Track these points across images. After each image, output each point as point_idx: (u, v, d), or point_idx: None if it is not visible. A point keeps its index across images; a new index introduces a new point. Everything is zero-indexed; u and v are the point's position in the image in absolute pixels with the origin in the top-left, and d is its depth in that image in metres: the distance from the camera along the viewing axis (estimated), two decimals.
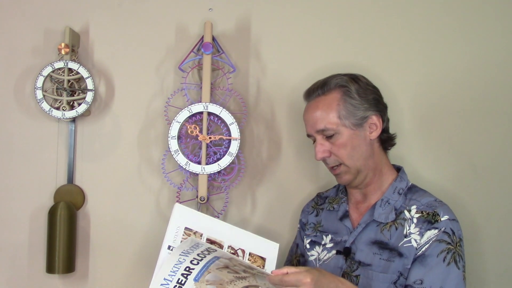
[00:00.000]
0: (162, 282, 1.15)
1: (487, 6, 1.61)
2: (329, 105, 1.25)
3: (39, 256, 1.60)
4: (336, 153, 1.25)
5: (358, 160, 1.25)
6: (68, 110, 1.55)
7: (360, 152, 1.25)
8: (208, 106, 1.52)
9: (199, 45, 1.59)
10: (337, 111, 1.24)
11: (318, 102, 1.27)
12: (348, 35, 1.63)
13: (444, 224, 1.18)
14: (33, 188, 1.61)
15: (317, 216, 1.41)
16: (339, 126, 1.24)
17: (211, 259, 1.14)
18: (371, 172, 1.28)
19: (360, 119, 1.25)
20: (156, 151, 1.62)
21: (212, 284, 1.13)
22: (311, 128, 1.28)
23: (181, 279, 1.14)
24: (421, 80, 1.60)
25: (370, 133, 1.26)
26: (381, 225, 1.24)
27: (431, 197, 1.25)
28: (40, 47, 1.62)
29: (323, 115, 1.25)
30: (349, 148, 1.24)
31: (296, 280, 1.00)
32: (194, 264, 1.14)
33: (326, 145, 1.26)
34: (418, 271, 1.15)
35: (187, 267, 1.15)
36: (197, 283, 1.13)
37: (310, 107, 1.30)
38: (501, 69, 1.60)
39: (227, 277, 1.11)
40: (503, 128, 1.59)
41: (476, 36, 1.61)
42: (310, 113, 1.28)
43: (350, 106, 1.25)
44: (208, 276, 1.13)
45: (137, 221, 1.62)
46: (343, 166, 1.26)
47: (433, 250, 1.16)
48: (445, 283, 1.13)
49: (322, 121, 1.25)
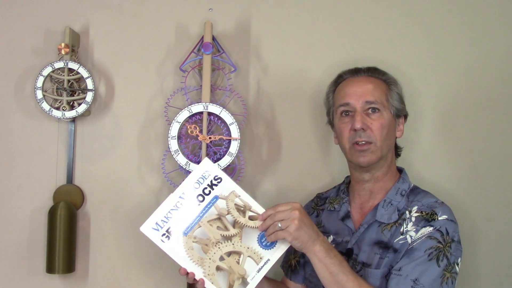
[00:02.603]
0: (154, 227, 1.16)
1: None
2: (381, 85, 1.30)
3: (39, 256, 1.60)
4: (374, 130, 1.25)
5: (386, 147, 1.27)
6: (68, 110, 1.55)
7: (390, 140, 1.29)
8: (208, 106, 1.52)
9: (199, 45, 1.58)
10: (386, 94, 1.29)
11: (369, 79, 1.31)
12: (348, 35, 1.63)
13: (440, 223, 1.18)
14: (33, 188, 1.61)
15: (317, 217, 1.41)
16: (385, 107, 1.28)
17: (210, 202, 1.15)
18: (386, 167, 1.30)
19: (399, 111, 1.30)
20: (156, 151, 1.62)
21: (198, 242, 1.15)
22: (358, 98, 1.27)
23: (171, 229, 1.15)
24: (421, 81, 1.60)
25: (397, 131, 1.32)
26: (382, 225, 1.25)
27: (433, 198, 1.26)
28: (40, 47, 1.62)
29: (375, 89, 1.28)
30: (386, 131, 1.26)
31: (285, 215, 1.12)
32: (190, 214, 1.16)
33: (367, 119, 1.26)
34: (402, 261, 1.17)
35: (179, 219, 1.16)
36: (184, 237, 1.15)
37: (360, 80, 1.31)
38: (502, 69, 1.60)
39: (215, 235, 1.14)
40: (505, 129, 1.59)
41: (474, 36, 1.61)
42: (361, 85, 1.29)
43: (395, 96, 1.30)
44: (196, 232, 1.15)
45: (137, 221, 1.60)
46: (373, 145, 1.25)
47: (421, 245, 1.17)
48: (421, 276, 1.13)
49: (374, 95, 1.27)
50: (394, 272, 1.15)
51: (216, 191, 1.17)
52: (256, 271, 1.13)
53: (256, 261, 1.14)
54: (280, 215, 1.12)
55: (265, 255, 1.14)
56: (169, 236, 1.15)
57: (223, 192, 1.17)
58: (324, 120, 1.44)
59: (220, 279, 1.14)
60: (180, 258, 1.13)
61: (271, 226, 1.13)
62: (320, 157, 1.62)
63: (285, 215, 1.12)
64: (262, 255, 1.14)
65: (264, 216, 1.15)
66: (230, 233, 1.14)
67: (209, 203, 1.17)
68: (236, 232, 1.14)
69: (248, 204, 1.16)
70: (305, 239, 1.12)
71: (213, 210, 1.16)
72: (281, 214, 1.12)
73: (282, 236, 1.12)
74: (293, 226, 1.10)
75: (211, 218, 1.16)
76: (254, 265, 1.13)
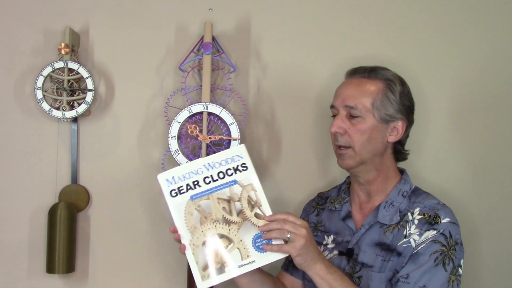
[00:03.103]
0: (169, 179, 1.18)
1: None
2: (368, 89, 1.26)
3: (39, 256, 1.60)
4: (351, 135, 1.24)
5: (367, 152, 1.25)
6: (68, 110, 1.55)
7: (373, 146, 1.26)
8: (208, 106, 1.52)
9: (199, 45, 1.59)
10: (373, 98, 1.25)
11: (359, 82, 1.28)
12: (348, 35, 1.63)
13: (443, 226, 1.18)
14: (33, 188, 1.61)
15: (317, 216, 1.41)
16: (368, 112, 1.24)
17: (227, 183, 1.17)
18: (375, 171, 1.28)
19: (388, 116, 1.26)
20: (156, 151, 1.62)
21: (199, 212, 1.16)
22: (340, 101, 1.27)
23: (182, 188, 1.17)
24: (420, 81, 1.60)
25: (389, 135, 1.27)
26: (384, 226, 1.24)
27: (434, 199, 1.26)
28: (40, 47, 1.62)
29: (358, 95, 1.25)
30: (366, 136, 1.24)
31: (294, 228, 1.10)
32: (205, 183, 1.17)
33: (346, 123, 1.25)
34: (408, 267, 1.16)
35: (196, 181, 1.18)
36: (189, 201, 1.17)
37: (349, 82, 1.30)
38: (502, 69, 1.60)
39: (217, 214, 1.15)
40: (504, 128, 1.59)
41: (482, 36, 1.61)
42: (347, 88, 1.28)
43: (386, 101, 1.25)
44: (202, 202, 1.17)
45: (137, 221, 1.62)
46: (351, 150, 1.25)
47: (426, 249, 1.17)
48: (429, 283, 1.14)
49: (355, 99, 1.25)
50: (402, 280, 1.15)
51: (238, 176, 1.17)
52: (237, 266, 1.13)
53: (242, 256, 1.13)
54: (289, 225, 1.11)
55: (253, 255, 1.13)
56: (177, 194, 1.17)
57: (243, 181, 1.17)
58: (324, 120, 1.44)
59: (200, 255, 1.14)
60: (177, 217, 1.16)
61: (277, 231, 1.12)
62: (320, 157, 1.62)
63: (293, 228, 1.10)
64: (250, 254, 1.13)
65: (271, 218, 1.14)
66: (232, 219, 1.15)
67: (226, 183, 1.17)
68: (237, 220, 1.15)
69: (260, 202, 1.17)
70: (308, 257, 1.11)
71: (226, 191, 1.17)
72: (290, 225, 1.11)
73: (286, 250, 1.10)
74: (300, 243, 1.09)
75: (222, 197, 1.16)
76: (239, 259, 1.13)
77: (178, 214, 1.16)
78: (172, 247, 1.60)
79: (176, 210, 1.16)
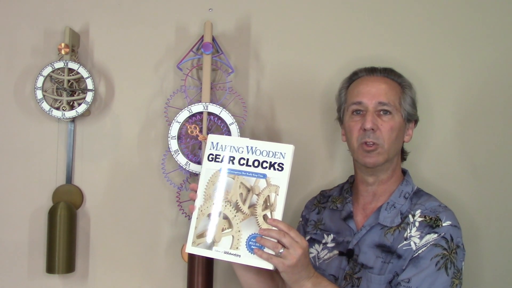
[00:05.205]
0: (214, 144, 1.20)
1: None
2: (395, 88, 1.28)
3: (39, 256, 1.60)
4: (383, 132, 1.24)
5: (394, 150, 1.26)
6: (68, 110, 1.55)
7: (398, 144, 1.28)
8: (208, 106, 1.52)
9: (198, 45, 1.59)
10: (400, 97, 1.27)
11: (385, 79, 1.29)
12: (348, 35, 1.63)
13: (444, 229, 1.18)
14: (33, 188, 1.61)
15: (318, 214, 1.41)
16: (397, 110, 1.26)
17: (257, 173, 1.17)
18: (391, 170, 1.29)
19: (410, 116, 1.29)
20: (156, 151, 1.62)
21: (221, 186, 1.17)
22: (371, 97, 1.25)
23: (219, 157, 1.19)
24: (423, 83, 1.60)
25: (406, 135, 1.30)
26: (385, 228, 1.24)
27: (436, 201, 1.25)
28: (40, 47, 1.62)
29: (389, 91, 1.26)
30: (395, 134, 1.25)
31: (290, 244, 1.07)
32: (239, 164, 1.18)
33: (377, 120, 1.25)
34: (409, 271, 1.16)
35: (233, 157, 1.18)
36: (217, 172, 1.18)
37: (375, 79, 1.29)
38: (506, 71, 1.60)
39: (233, 196, 1.16)
40: (507, 131, 1.59)
41: (486, 38, 1.61)
42: (376, 85, 1.28)
43: (409, 100, 1.29)
44: (227, 178, 1.18)
45: (137, 221, 1.62)
46: (380, 147, 1.24)
47: (427, 253, 1.16)
48: (431, 287, 1.13)
49: (387, 96, 1.25)
50: (403, 284, 1.15)
51: (270, 173, 1.17)
52: (223, 251, 1.14)
53: (233, 245, 1.13)
54: (287, 240, 1.08)
55: (242, 250, 1.13)
56: (213, 160, 1.19)
57: (272, 179, 1.17)
58: (324, 120, 1.44)
59: (202, 223, 1.16)
60: (202, 180, 1.18)
61: (272, 243, 1.09)
62: (320, 157, 1.62)
63: (290, 244, 1.07)
64: (240, 248, 1.13)
65: (274, 223, 1.11)
66: (242, 207, 1.15)
67: (256, 174, 1.17)
68: (246, 212, 1.14)
69: (275, 207, 1.15)
70: (294, 277, 1.09)
71: (252, 180, 1.16)
72: (288, 240, 1.08)
73: (275, 263, 1.08)
74: (289, 262, 1.07)
75: (245, 183, 1.16)
76: (228, 246, 1.13)
77: (204, 178, 1.18)
78: (172, 247, 1.60)
79: (204, 173, 1.19)
